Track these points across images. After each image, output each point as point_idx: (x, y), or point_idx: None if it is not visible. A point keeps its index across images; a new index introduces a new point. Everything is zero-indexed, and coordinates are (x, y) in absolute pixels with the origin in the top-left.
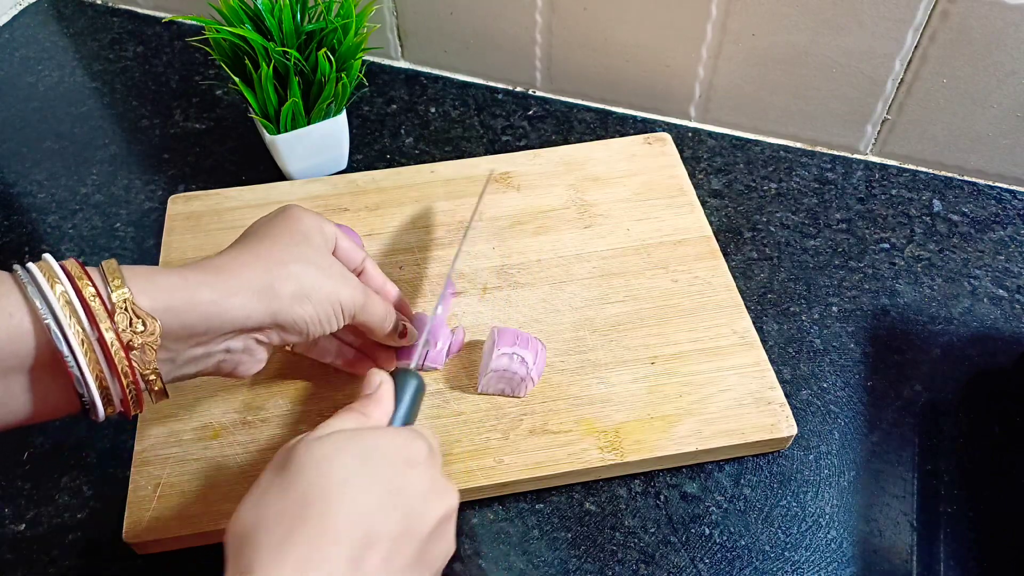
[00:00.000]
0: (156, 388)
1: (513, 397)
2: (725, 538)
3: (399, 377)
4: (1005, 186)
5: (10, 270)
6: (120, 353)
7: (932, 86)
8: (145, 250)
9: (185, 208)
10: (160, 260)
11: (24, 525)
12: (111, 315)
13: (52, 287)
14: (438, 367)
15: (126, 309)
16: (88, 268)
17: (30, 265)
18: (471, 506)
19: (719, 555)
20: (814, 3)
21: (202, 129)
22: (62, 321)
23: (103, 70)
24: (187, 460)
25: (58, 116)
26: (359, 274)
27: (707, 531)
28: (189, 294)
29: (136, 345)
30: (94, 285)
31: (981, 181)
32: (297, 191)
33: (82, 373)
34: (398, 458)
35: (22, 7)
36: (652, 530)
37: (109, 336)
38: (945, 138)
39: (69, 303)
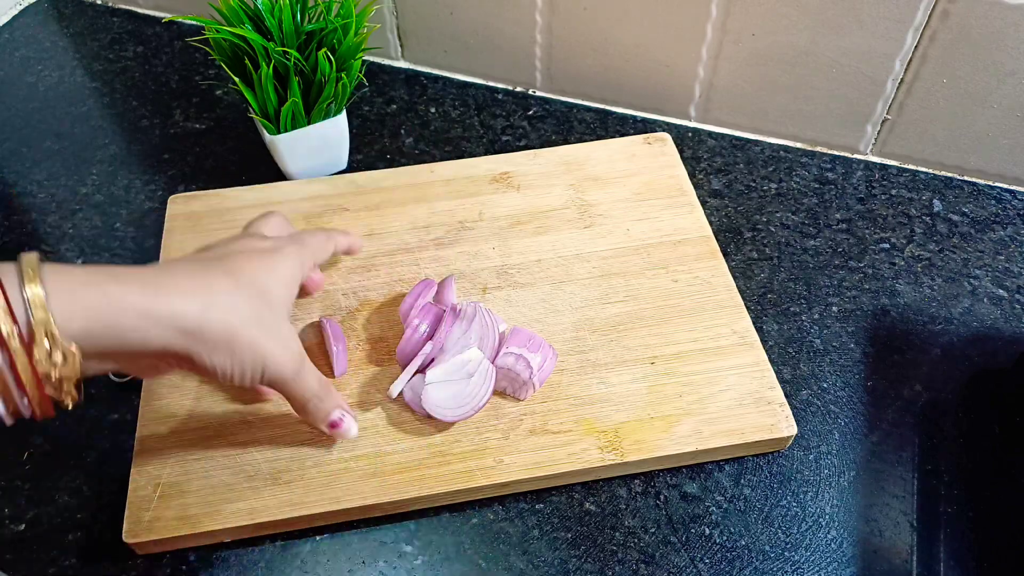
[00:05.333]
0: (69, 402)
1: (514, 398)
2: (725, 538)
3: None
4: (1005, 186)
5: None
6: (32, 380)
7: (932, 86)
8: (145, 250)
9: (185, 208)
10: (160, 260)
11: (24, 525)
12: (29, 350)
13: None
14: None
15: (46, 338)
16: (6, 282)
17: None
18: (471, 506)
19: (719, 555)
20: (814, 3)
21: (202, 129)
22: None
23: (103, 70)
24: (187, 460)
25: (58, 116)
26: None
27: (707, 531)
28: (112, 318)
29: (52, 377)
30: (11, 312)
31: (981, 181)
32: (297, 191)
33: None
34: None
35: (22, 7)
36: (652, 530)
37: (22, 365)
38: (945, 138)
39: None
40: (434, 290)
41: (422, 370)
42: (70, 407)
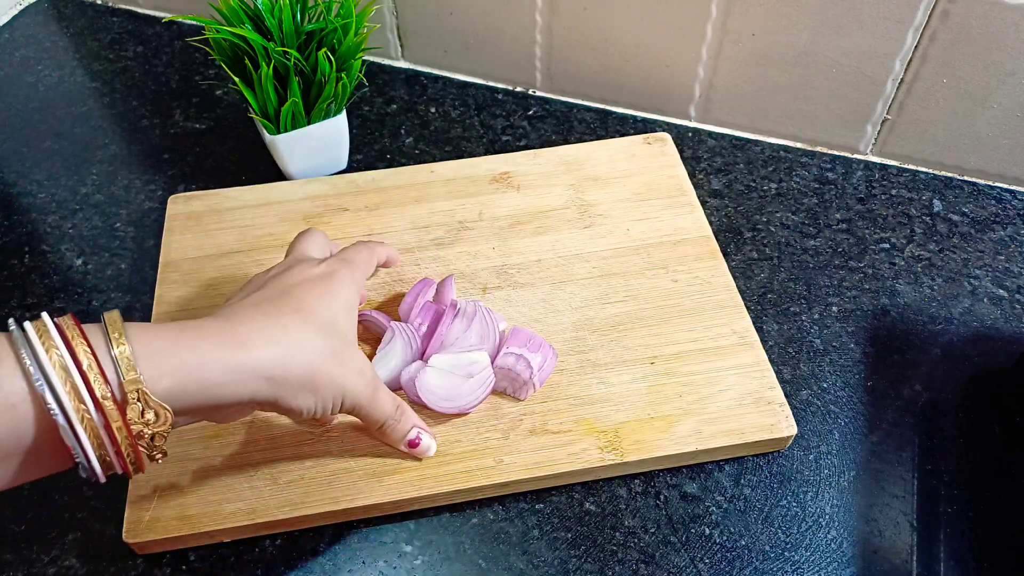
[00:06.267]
0: (160, 457)
1: (514, 398)
2: (725, 538)
3: None
4: (1005, 186)
5: (7, 328)
6: (126, 439)
7: (932, 86)
8: (145, 250)
9: (185, 208)
10: (160, 260)
11: (24, 525)
12: (122, 410)
13: (63, 382)
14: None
15: (138, 399)
16: (93, 344)
17: (36, 345)
18: (471, 506)
19: (719, 555)
20: (814, 3)
21: (202, 129)
22: (73, 421)
23: (103, 70)
24: (187, 460)
25: (58, 116)
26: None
27: (707, 531)
28: (201, 375)
29: (146, 435)
30: (103, 374)
31: (981, 181)
32: (297, 191)
33: (89, 462)
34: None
35: (22, 7)
36: (652, 530)
37: (117, 426)
38: (945, 138)
39: (79, 398)
40: (433, 289)
41: (424, 358)
42: (159, 462)
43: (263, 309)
